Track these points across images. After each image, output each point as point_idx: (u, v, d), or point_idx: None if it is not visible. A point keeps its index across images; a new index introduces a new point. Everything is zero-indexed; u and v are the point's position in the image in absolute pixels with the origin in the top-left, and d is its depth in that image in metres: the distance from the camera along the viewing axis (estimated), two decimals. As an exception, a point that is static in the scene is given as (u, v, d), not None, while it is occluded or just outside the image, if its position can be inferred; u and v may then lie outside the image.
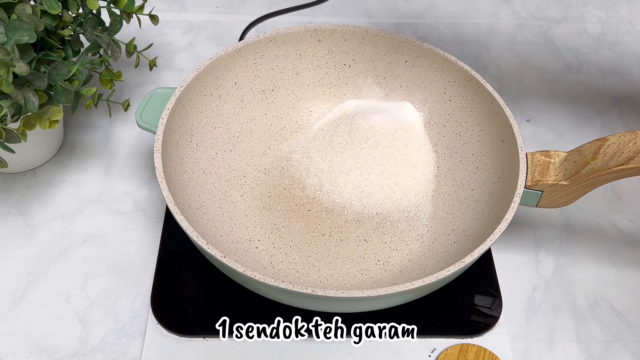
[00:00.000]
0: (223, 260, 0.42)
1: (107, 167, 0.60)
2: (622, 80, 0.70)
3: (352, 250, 0.52)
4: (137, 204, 0.57)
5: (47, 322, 0.49)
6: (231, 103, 0.57)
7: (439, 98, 0.57)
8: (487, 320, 0.50)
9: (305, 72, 0.59)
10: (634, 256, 0.55)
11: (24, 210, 0.56)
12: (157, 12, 0.59)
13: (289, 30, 0.57)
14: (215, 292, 0.51)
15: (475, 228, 0.50)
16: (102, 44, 0.54)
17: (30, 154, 0.57)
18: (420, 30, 0.75)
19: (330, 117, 0.60)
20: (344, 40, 0.58)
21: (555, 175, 0.47)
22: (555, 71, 0.71)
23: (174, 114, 0.51)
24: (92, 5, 0.53)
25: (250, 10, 0.76)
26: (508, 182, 0.49)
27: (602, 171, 0.45)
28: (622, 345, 0.50)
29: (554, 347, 0.49)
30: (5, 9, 0.48)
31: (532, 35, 0.75)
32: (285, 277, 0.50)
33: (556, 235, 0.56)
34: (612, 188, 0.59)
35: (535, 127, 0.65)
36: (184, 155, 0.52)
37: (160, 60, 0.69)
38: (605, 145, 0.46)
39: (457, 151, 0.56)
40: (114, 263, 0.53)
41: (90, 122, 0.63)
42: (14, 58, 0.44)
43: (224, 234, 0.51)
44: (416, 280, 0.42)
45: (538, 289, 0.53)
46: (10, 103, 0.46)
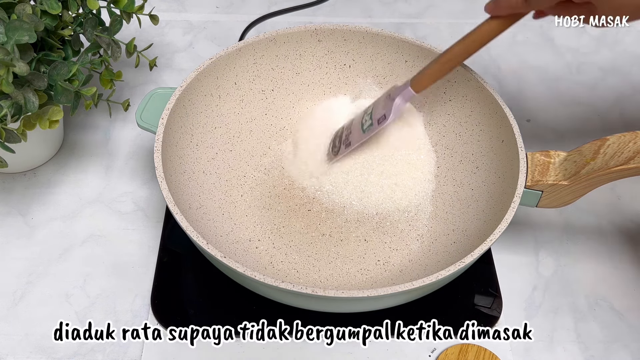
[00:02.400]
0: (223, 261, 0.42)
1: (107, 167, 0.60)
2: (622, 80, 0.70)
3: (352, 250, 0.52)
4: (137, 204, 0.57)
5: (47, 322, 0.49)
6: (231, 103, 0.57)
7: (438, 98, 0.57)
8: (487, 320, 0.50)
9: (305, 72, 0.59)
10: (634, 256, 0.55)
11: (24, 210, 0.56)
12: (157, 12, 0.59)
13: (289, 30, 0.57)
14: (215, 292, 0.51)
15: (475, 228, 0.50)
16: (102, 44, 0.54)
17: (30, 154, 0.57)
18: (420, 30, 0.75)
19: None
20: (344, 40, 0.58)
21: (556, 175, 0.47)
22: (555, 71, 0.71)
23: (174, 114, 0.51)
24: (92, 5, 0.53)
25: (250, 10, 0.76)
26: (508, 182, 0.49)
27: (602, 171, 0.45)
28: (622, 345, 0.50)
29: (554, 347, 0.49)
30: (5, 9, 0.48)
31: (532, 35, 0.75)
32: (285, 277, 0.50)
33: (556, 235, 0.56)
34: (612, 188, 0.59)
35: (535, 127, 0.65)
36: (184, 155, 0.52)
37: (160, 60, 0.69)
38: (605, 145, 0.46)
39: (457, 151, 0.56)
40: (114, 263, 0.53)
41: (90, 122, 0.63)
42: (14, 58, 0.44)
43: (224, 234, 0.51)
44: (416, 280, 0.42)
45: (538, 289, 0.53)
46: (10, 103, 0.46)
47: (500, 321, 0.50)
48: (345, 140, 0.54)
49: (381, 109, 0.52)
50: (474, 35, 0.46)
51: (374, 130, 0.52)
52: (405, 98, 0.50)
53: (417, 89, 0.50)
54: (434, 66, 0.48)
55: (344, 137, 0.55)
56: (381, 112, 0.51)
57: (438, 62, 0.48)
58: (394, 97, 0.51)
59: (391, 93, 0.51)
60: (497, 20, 0.45)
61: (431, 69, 0.48)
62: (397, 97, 0.50)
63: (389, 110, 0.50)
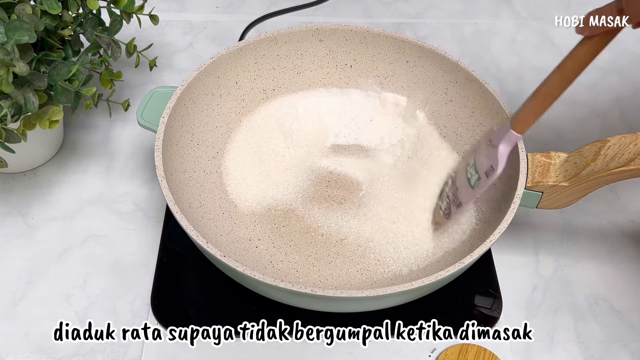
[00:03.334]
0: (223, 260, 0.42)
1: (107, 167, 0.60)
2: (622, 80, 0.70)
3: (352, 250, 0.52)
4: (137, 204, 0.57)
5: (47, 322, 0.49)
6: (232, 102, 0.57)
7: (440, 98, 0.57)
8: (487, 321, 0.50)
9: (307, 71, 0.59)
10: (634, 256, 0.55)
11: (24, 210, 0.56)
12: (157, 12, 0.59)
13: (291, 30, 0.57)
14: (215, 292, 0.51)
15: (475, 228, 0.50)
16: (102, 44, 0.54)
17: (30, 154, 0.57)
18: (420, 30, 0.75)
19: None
20: (345, 40, 0.58)
21: (556, 176, 0.47)
22: (555, 71, 0.71)
23: (175, 113, 0.51)
24: (92, 5, 0.53)
25: (250, 10, 0.76)
26: (508, 183, 0.49)
27: (602, 172, 0.45)
28: (622, 345, 0.50)
29: (554, 347, 0.49)
30: (5, 9, 0.48)
31: (532, 35, 0.75)
32: (285, 276, 0.50)
33: (556, 236, 0.56)
34: (612, 188, 0.59)
35: (535, 127, 0.64)
36: (185, 154, 0.52)
37: (160, 60, 0.69)
38: (605, 146, 0.46)
39: (458, 152, 0.56)
40: (114, 263, 0.53)
41: (90, 122, 0.63)
42: (14, 58, 0.44)
43: (224, 233, 0.51)
44: (416, 281, 0.42)
45: (538, 289, 0.53)
46: (10, 103, 0.46)
47: (500, 321, 0.50)
48: (454, 200, 0.51)
49: (485, 160, 0.48)
50: (571, 62, 0.42)
51: (484, 184, 0.47)
52: (510, 143, 0.46)
53: (520, 131, 0.46)
54: (533, 103, 0.45)
55: (452, 196, 0.51)
56: (486, 163, 0.47)
57: (537, 98, 0.44)
58: (496, 144, 0.46)
59: (492, 139, 0.47)
60: (590, 41, 0.41)
61: (531, 107, 0.45)
62: (501, 144, 0.46)
63: (494, 160, 0.46)
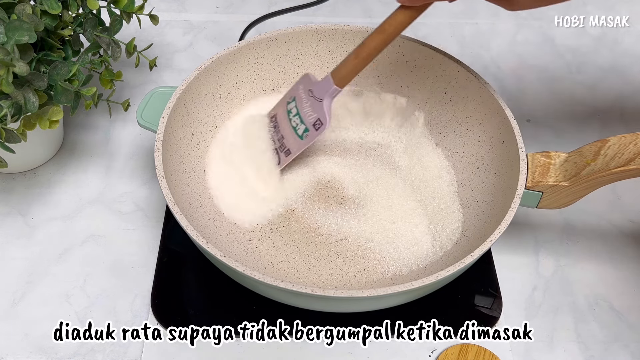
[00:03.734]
0: (223, 260, 0.42)
1: (107, 167, 0.60)
2: (622, 80, 0.70)
3: (352, 250, 0.52)
4: (137, 204, 0.57)
5: (47, 322, 0.49)
6: (232, 102, 0.57)
7: (439, 98, 0.57)
8: (487, 321, 0.50)
9: (307, 71, 0.59)
10: (634, 256, 0.55)
11: (24, 210, 0.56)
12: (157, 12, 0.59)
13: (290, 30, 0.57)
14: (215, 292, 0.51)
15: (475, 228, 0.50)
16: (102, 44, 0.54)
17: (30, 154, 0.57)
18: (420, 30, 0.75)
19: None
20: (345, 40, 0.58)
21: (556, 176, 0.47)
22: (555, 71, 0.71)
23: (175, 113, 0.51)
24: (92, 5, 0.53)
25: (250, 10, 0.76)
26: (508, 183, 0.49)
27: (602, 172, 0.45)
28: (622, 345, 0.50)
29: (554, 347, 0.49)
30: (5, 9, 0.48)
31: (532, 35, 0.75)
32: (285, 276, 0.50)
33: (556, 236, 0.56)
34: (612, 188, 0.59)
35: (535, 127, 0.65)
36: (185, 154, 0.52)
37: (160, 60, 0.69)
38: (605, 146, 0.46)
39: (458, 152, 0.56)
40: (114, 263, 0.53)
41: (90, 122, 0.63)
42: (14, 58, 0.44)
43: (224, 233, 0.51)
44: (416, 281, 0.42)
45: (538, 289, 0.53)
46: (10, 103, 0.46)
47: (500, 321, 0.50)
48: (282, 147, 0.53)
49: (311, 111, 0.51)
50: (390, 27, 0.47)
51: (313, 137, 0.51)
52: (332, 97, 0.50)
53: (342, 85, 0.49)
54: (354, 61, 0.48)
55: (278, 143, 0.54)
56: (312, 115, 0.51)
57: (358, 57, 0.48)
58: (321, 97, 0.50)
59: (313, 89, 0.51)
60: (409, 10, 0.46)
61: (353, 64, 0.48)
62: (326, 97, 0.50)
63: (321, 114, 0.50)
